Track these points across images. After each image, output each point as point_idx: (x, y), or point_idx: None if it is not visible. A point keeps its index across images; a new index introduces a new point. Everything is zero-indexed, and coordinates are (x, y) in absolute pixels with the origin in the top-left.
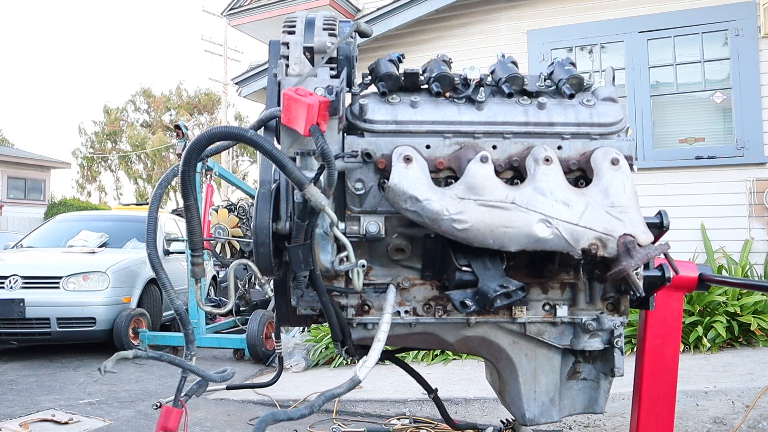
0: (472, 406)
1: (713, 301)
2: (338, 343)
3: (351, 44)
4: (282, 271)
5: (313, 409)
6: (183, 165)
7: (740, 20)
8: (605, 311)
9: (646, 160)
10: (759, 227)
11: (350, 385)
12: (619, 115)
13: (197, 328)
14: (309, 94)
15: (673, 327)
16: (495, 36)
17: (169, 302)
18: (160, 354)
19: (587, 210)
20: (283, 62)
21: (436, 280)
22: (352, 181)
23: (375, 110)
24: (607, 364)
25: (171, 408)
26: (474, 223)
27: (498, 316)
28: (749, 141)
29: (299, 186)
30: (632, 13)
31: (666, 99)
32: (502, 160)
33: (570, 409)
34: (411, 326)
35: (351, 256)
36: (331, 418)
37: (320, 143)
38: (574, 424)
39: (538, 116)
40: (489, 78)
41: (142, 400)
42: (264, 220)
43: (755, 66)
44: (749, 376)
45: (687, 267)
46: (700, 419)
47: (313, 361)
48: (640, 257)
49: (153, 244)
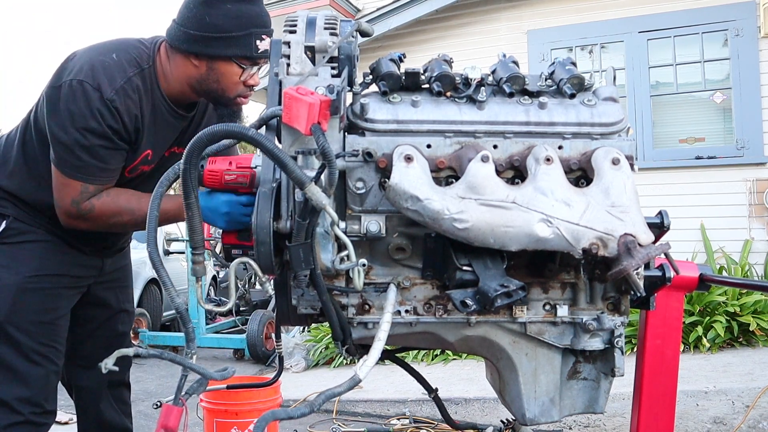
0: (472, 406)
1: (713, 301)
2: (338, 343)
3: (352, 43)
4: (282, 270)
5: (313, 409)
6: (184, 163)
7: (740, 20)
8: (606, 311)
9: (646, 160)
10: (759, 227)
11: (350, 384)
12: (620, 115)
13: (197, 328)
14: (310, 93)
15: (674, 327)
16: (495, 36)
17: (170, 300)
18: (160, 352)
19: (588, 210)
20: (284, 61)
21: (437, 279)
22: (353, 180)
23: (376, 109)
24: (607, 364)
25: (171, 407)
26: (475, 223)
27: (498, 316)
28: (749, 141)
29: (300, 185)
30: (632, 13)
31: (666, 99)
32: (503, 160)
33: (570, 408)
34: (411, 326)
35: (352, 255)
36: (331, 417)
37: (321, 142)
38: (574, 424)
39: (539, 116)
40: (490, 78)
41: (142, 400)
42: (265, 219)
43: (755, 66)
44: (749, 376)
45: (687, 267)
46: (700, 419)
47: (313, 361)
48: (640, 257)
49: (153, 243)
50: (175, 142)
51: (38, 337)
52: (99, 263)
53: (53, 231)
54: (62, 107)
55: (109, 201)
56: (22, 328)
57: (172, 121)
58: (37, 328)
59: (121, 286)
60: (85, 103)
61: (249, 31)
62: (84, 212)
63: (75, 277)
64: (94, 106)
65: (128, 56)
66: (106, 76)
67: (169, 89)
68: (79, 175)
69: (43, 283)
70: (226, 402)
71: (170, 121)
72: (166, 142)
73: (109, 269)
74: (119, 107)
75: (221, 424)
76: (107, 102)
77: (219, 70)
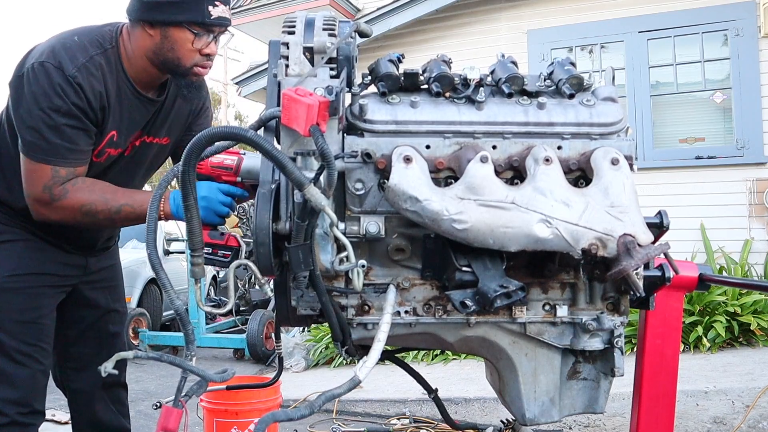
0: (472, 406)
1: (713, 301)
2: (338, 343)
3: (351, 44)
4: (282, 271)
5: (313, 409)
6: (183, 165)
7: (740, 20)
8: (605, 311)
9: (646, 160)
10: (759, 227)
11: (350, 385)
12: (619, 115)
13: (197, 328)
14: (309, 94)
15: (673, 327)
16: (495, 36)
17: (170, 302)
18: (160, 354)
19: (587, 210)
20: (282, 62)
21: (436, 280)
22: (352, 181)
23: (375, 110)
24: (607, 364)
25: (171, 408)
26: (474, 223)
27: (498, 316)
28: (749, 141)
29: (299, 186)
30: (632, 13)
31: (666, 99)
32: (502, 160)
33: (570, 408)
34: (411, 326)
35: (351, 256)
36: (331, 417)
37: (320, 143)
38: (574, 424)
39: (538, 116)
40: (489, 78)
41: (142, 400)
42: (264, 221)
43: (755, 66)
44: (749, 376)
45: (687, 267)
46: (700, 419)
47: (313, 361)
48: (640, 257)
49: (153, 244)
50: (145, 129)
51: (22, 337)
52: (82, 262)
53: (31, 230)
54: (26, 91)
55: (84, 188)
56: (4, 328)
57: (138, 104)
58: (20, 327)
59: (110, 285)
60: (48, 82)
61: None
62: (56, 197)
63: (57, 276)
64: (56, 82)
65: (90, 37)
66: (68, 55)
67: (132, 69)
68: (48, 158)
69: (23, 282)
70: (226, 402)
71: (135, 103)
72: (132, 126)
73: (95, 268)
74: (82, 83)
75: (221, 424)
76: (69, 78)
77: (172, 37)
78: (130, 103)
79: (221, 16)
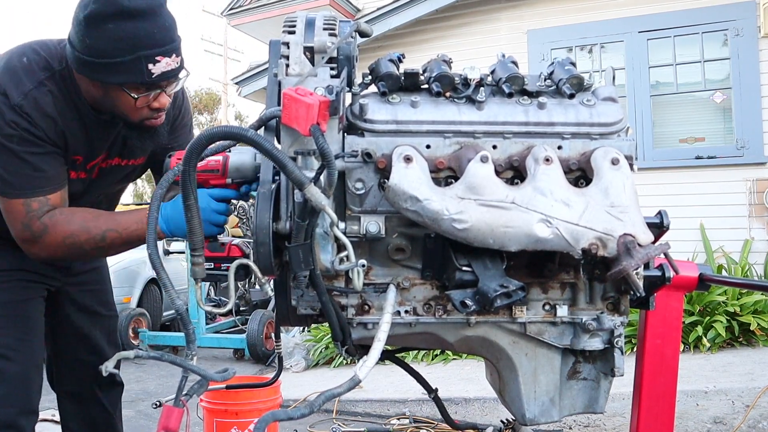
0: (472, 406)
1: (713, 301)
2: (338, 343)
3: (351, 44)
4: (282, 271)
5: (313, 409)
6: (183, 165)
7: (740, 20)
8: (605, 311)
9: (646, 160)
10: (759, 227)
11: (350, 384)
12: (620, 114)
13: (197, 327)
14: (309, 93)
15: (673, 327)
16: (495, 36)
17: (170, 302)
18: (160, 354)
19: (587, 210)
20: (283, 62)
21: (437, 280)
22: (352, 180)
23: (375, 110)
24: (607, 363)
25: (172, 407)
26: (474, 223)
27: (498, 316)
28: (749, 141)
29: (299, 186)
30: (632, 13)
31: (666, 99)
32: (503, 160)
33: (570, 408)
34: (411, 326)
35: (351, 255)
36: (331, 417)
37: (320, 143)
38: (574, 424)
39: (539, 116)
40: (489, 78)
41: (142, 400)
42: (264, 220)
43: (755, 66)
44: (749, 376)
45: (687, 267)
46: (700, 419)
47: (313, 361)
48: (640, 257)
49: (154, 245)
50: (115, 151)
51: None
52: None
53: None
54: None
55: (63, 219)
56: None
57: (97, 125)
58: (5, 322)
59: (96, 289)
60: None
61: (136, 55)
62: (37, 234)
63: (39, 274)
64: (4, 113)
65: (38, 58)
66: (13, 82)
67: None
68: (15, 191)
69: (6, 276)
70: (226, 402)
71: (94, 124)
72: (97, 147)
73: (79, 269)
74: (29, 111)
75: (221, 424)
76: (16, 108)
77: (112, 95)
78: (91, 124)
79: (165, 71)
